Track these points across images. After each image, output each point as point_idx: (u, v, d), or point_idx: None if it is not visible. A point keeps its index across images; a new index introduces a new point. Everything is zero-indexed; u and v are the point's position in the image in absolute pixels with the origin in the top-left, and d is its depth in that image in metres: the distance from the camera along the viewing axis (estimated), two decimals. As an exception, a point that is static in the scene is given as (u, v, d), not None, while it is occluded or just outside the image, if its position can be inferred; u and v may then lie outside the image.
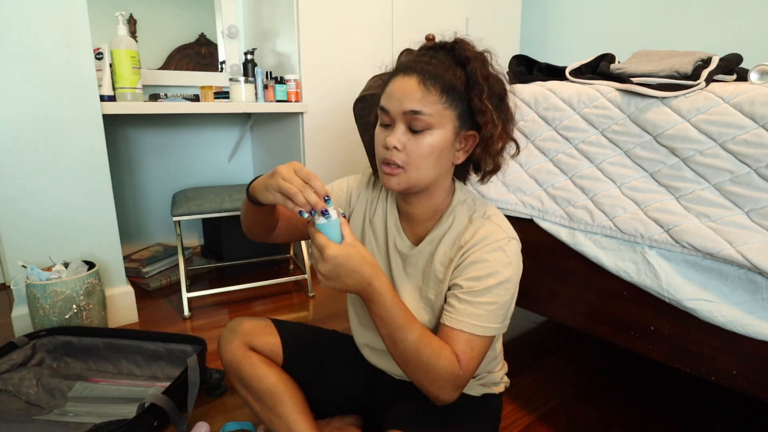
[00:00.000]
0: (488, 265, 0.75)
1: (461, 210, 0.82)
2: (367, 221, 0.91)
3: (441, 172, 0.77)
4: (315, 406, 0.97)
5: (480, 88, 0.73)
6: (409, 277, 0.85)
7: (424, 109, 0.72)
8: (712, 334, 0.85)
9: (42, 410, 1.18)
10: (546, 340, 1.61)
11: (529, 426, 1.16)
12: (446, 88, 0.72)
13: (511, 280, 0.76)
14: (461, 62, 0.75)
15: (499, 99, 0.77)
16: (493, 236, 0.76)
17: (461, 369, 0.73)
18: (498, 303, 0.74)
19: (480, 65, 0.75)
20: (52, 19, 1.43)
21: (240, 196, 1.83)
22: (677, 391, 1.30)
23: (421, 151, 0.73)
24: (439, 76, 0.72)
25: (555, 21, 2.75)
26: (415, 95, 0.72)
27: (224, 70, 2.42)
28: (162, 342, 1.34)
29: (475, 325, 0.74)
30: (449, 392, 0.74)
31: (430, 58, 0.75)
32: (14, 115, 1.43)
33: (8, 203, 1.46)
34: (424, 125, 0.72)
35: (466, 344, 0.74)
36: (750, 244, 0.78)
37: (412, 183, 0.76)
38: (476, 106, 0.74)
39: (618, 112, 1.00)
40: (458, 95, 0.74)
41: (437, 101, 0.72)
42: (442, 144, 0.74)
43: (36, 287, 1.39)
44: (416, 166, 0.74)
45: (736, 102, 0.83)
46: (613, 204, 0.99)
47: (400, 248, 0.86)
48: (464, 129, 0.76)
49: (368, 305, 0.72)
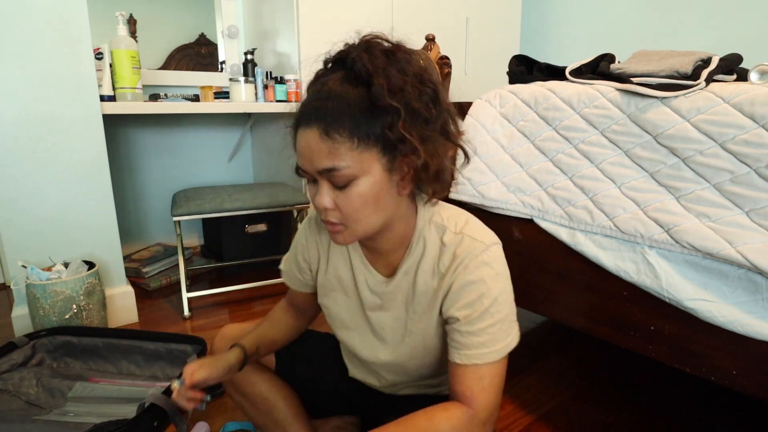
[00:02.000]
0: (477, 286, 0.68)
1: (429, 232, 0.73)
2: (323, 273, 0.84)
3: (388, 211, 0.68)
4: (311, 408, 0.97)
5: (390, 116, 0.60)
6: (390, 310, 0.79)
7: (338, 164, 0.61)
8: (712, 334, 0.85)
9: (42, 410, 1.18)
10: (546, 340, 1.61)
11: (529, 426, 1.16)
12: (355, 128, 0.60)
13: (504, 291, 0.70)
14: (363, 82, 0.61)
15: (428, 106, 0.64)
16: (471, 253, 0.69)
17: (473, 407, 0.67)
18: (500, 321, 0.69)
19: (385, 80, 0.60)
20: (52, 19, 1.43)
21: (240, 196, 1.83)
22: (677, 391, 1.30)
23: (353, 205, 0.63)
24: (341, 116, 0.60)
25: (555, 21, 2.75)
26: (322, 151, 0.61)
27: (224, 70, 2.42)
28: (162, 342, 1.34)
29: (484, 354, 0.68)
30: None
31: (327, 94, 0.62)
32: (14, 115, 1.43)
33: (8, 203, 1.46)
34: (345, 180, 0.62)
35: (474, 377, 0.68)
36: (750, 244, 0.78)
37: (360, 235, 0.68)
38: (392, 137, 0.61)
39: (618, 112, 1.00)
40: (372, 128, 0.61)
41: (350, 148, 0.60)
42: (375, 189, 0.63)
43: (36, 287, 1.39)
44: (355, 220, 0.65)
45: (736, 102, 0.83)
46: (613, 204, 0.99)
47: (373, 285, 0.79)
48: (396, 158, 0.63)
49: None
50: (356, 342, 0.85)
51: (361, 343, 0.85)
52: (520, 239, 1.18)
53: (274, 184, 2.10)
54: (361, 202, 0.64)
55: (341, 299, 0.84)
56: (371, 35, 0.65)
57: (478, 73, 2.55)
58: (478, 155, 1.26)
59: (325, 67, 0.68)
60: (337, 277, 0.83)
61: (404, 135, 0.61)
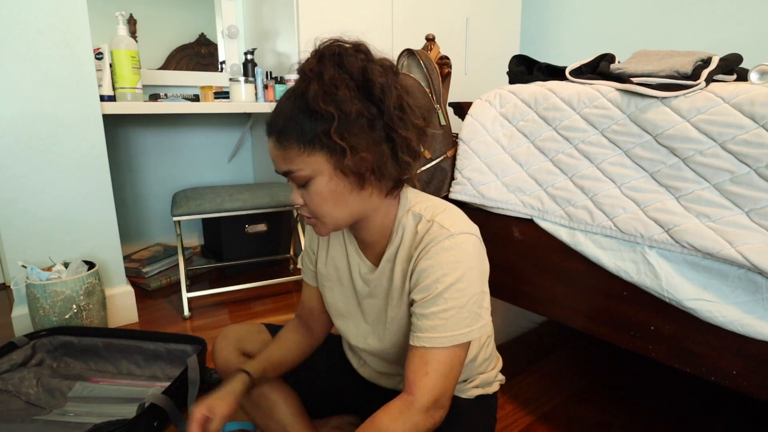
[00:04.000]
0: (433, 270, 0.69)
1: (408, 221, 0.75)
2: (323, 262, 0.89)
3: (353, 205, 0.71)
4: (311, 407, 0.97)
5: (325, 118, 0.64)
6: (375, 298, 0.82)
7: (292, 167, 0.68)
8: (712, 334, 0.85)
9: (42, 410, 1.18)
10: (546, 340, 1.61)
11: (529, 426, 1.16)
12: (300, 136, 0.66)
13: (464, 278, 0.68)
14: (305, 89, 0.66)
15: (365, 110, 0.66)
16: (435, 239, 0.70)
17: (413, 393, 0.67)
18: (455, 307, 0.68)
19: (321, 86, 0.64)
20: (52, 19, 1.43)
21: (240, 196, 1.83)
22: (677, 391, 1.30)
23: (315, 201, 0.70)
24: (287, 126, 0.66)
25: (555, 21, 2.75)
26: (279, 157, 0.69)
27: (224, 70, 2.42)
28: (162, 342, 1.34)
29: (433, 338, 0.68)
30: (422, 424, 0.67)
31: (279, 108, 0.69)
32: (14, 114, 1.43)
33: (8, 203, 1.46)
34: (303, 180, 0.68)
35: (420, 362, 0.68)
36: (750, 244, 0.78)
37: (332, 227, 0.74)
38: (327, 143, 0.65)
39: (618, 112, 1.00)
40: (314, 134, 0.65)
41: (298, 153, 0.66)
42: (330, 187, 0.68)
43: (36, 287, 1.39)
44: (322, 214, 0.71)
45: (736, 102, 0.83)
46: (613, 204, 0.99)
47: (363, 274, 0.82)
48: (343, 159, 0.66)
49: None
50: (350, 329, 0.88)
51: (355, 330, 0.87)
52: (520, 239, 1.18)
53: (274, 184, 2.10)
54: (321, 198, 0.69)
55: (337, 288, 0.88)
56: (330, 40, 0.69)
57: (478, 73, 2.55)
58: (478, 155, 1.26)
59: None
60: (335, 267, 0.87)
61: (335, 140, 0.65)
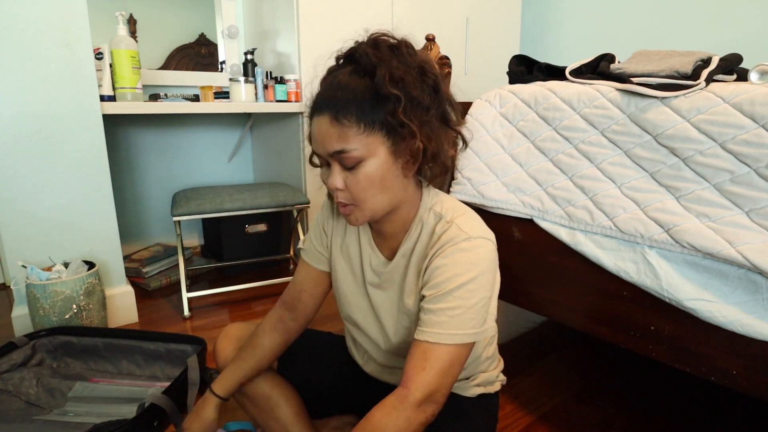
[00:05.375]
0: (447, 268, 0.70)
1: (428, 218, 0.77)
2: (337, 248, 0.89)
3: (395, 193, 0.73)
4: (312, 407, 0.97)
5: (392, 104, 0.66)
6: (387, 291, 0.83)
7: (347, 146, 0.67)
8: (712, 334, 0.85)
9: (42, 410, 1.18)
10: (546, 340, 1.61)
11: (529, 426, 1.16)
12: (361, 114, 0.66)
13: (476, 280, 0.69)
14: (368, 73, 0.68)
15: (430, 94, 0.70)
16: (453, 239, 0.71)
17: (408, 387, 0.67)
18: (463, 307, 0.69)
19: (387, 69, 0.66)
20: (52, 19, 1.43)
21: (240, 196, 1.83)
22: (677, 391, 1.30)
23: (361, 185, 0.69)
24: (349, 104, 0.66)
25: (555, 21, 2.75)
26: (332, 135, 0.67)
27: (224, 70, 2.42)
28: (162, 342, 1.34)
29: (437, 333, 0.68)
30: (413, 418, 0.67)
31: (337, 85, 0.68)
32: (14, 114, 1.43)
33: (8, 203, 1.46)
34: (354, 161, 0.68)
35: (420, 356, 0.68)
36: (750, 244, 0.78)
37: (369, 216, 0.73)
38: (394, 122, 0.67)
39: (618, 112, 1.00)
40: (377, 115, 0.67)
41: (357, 132, 0.66)
42: (381, 170, 0.69)
43: (36, 287, 1.39)
44: (364, 200, 0.71)
45: (736, 102, 0.83)
46: (613, 204, 0.99)
47: (375, 266, 0.83)
48: (400, 142, 0.69)
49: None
50: (359, 319, 0.88)
51: (363, 320, 0.88)
52: (520, 239, 1.18)
53: (274, 184, 2.10)
54: (368, 182, 0.69)
55: (349, 276, 0.88)
56: (378, 32, 0.71)
57: (478, 73, 2.55)
58: (478, 155, 1.26)
59: (337, 63, 0.74)
60: (348, 254, 0.88)
61: (404, 120, 0.66)
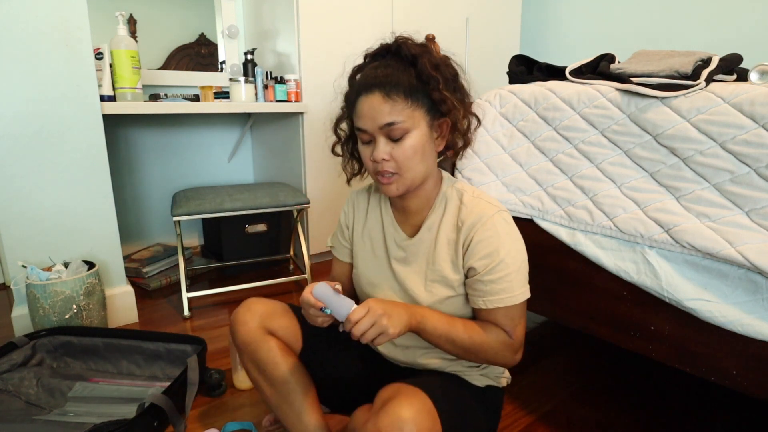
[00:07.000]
0: (491, 240, 0.82)
1: (451, 194, 0.88)
2: (359, 235, 0.98)
3: (429, 164, 0.85)
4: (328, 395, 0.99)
5: (435, 81, 0.80)
6: (412, 265, 0.90)
7: (397, 119, 0.78)
8: (712, 334, 0.85)
9: (42, 410, 1.18)
10: (546, 340, 1.61)
11: (529, 426, 1.16)
12: (408, 92, 0.79)
13: (513, 248, 0.83)
14: (410, 61, 0.81)
15: (454, 81, 0.85)
16: (487, 213, 0.83)
17: (512, 337, 0.83)
18: (514, 271, 0.82)
19: (427, 58, 0.81)
20: (52, 19, 1.43)
21: (240, 196, 1.83)
22: (677, 391, 1.30)
23: (406, 153, 0.80)
24: (397, 83, 0.78)
25: (555, 21, 2.75)
26: (384, 109, 0.78)
27: (224, 70, 2.42)
28: (162, 342, 1.34)
29: (505, 299, 0.81)
30: (510, 357, 0.84)
31: (385, 68, 0.80)
32: (14, 114, 1.43)
33: (8, 203, 1.46)
34: (401, 132, 0.79)
35: (506, 317, 0.82)
36: (750, 244, 0.78)
37: (408, 184, 0.83)
38: (437, 98, 0.80)
39: (618, 112, 1.00)
40: (420, 93, 0.80)
41: (405, 107, 0.78)
42: (422, 141, 0.81)
43: (36, 287, 1.39)
44: (407, 168, 0.81)
45: (736, 102, 0.83)
46: (613, 204, 0.99)
47: (399, 241, 0.92)
48: (435, 119, 0.83)
49: (420, 335, 0.82)
50: (380, 295, 0.92)
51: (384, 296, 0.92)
52: (520, 239, 1.18)
53: (274, 184, 2.10)
54: (412, 151, 0.80)
55: (370, 259, 0.96)
56: (405, 36, 0.85)
57: (478, 73, 2.55)
58: (478, 155, 1.26)
59: (364, 60, 0.87)
60: (369, 237, 0.96)
61: (445, 96, 0.80)
